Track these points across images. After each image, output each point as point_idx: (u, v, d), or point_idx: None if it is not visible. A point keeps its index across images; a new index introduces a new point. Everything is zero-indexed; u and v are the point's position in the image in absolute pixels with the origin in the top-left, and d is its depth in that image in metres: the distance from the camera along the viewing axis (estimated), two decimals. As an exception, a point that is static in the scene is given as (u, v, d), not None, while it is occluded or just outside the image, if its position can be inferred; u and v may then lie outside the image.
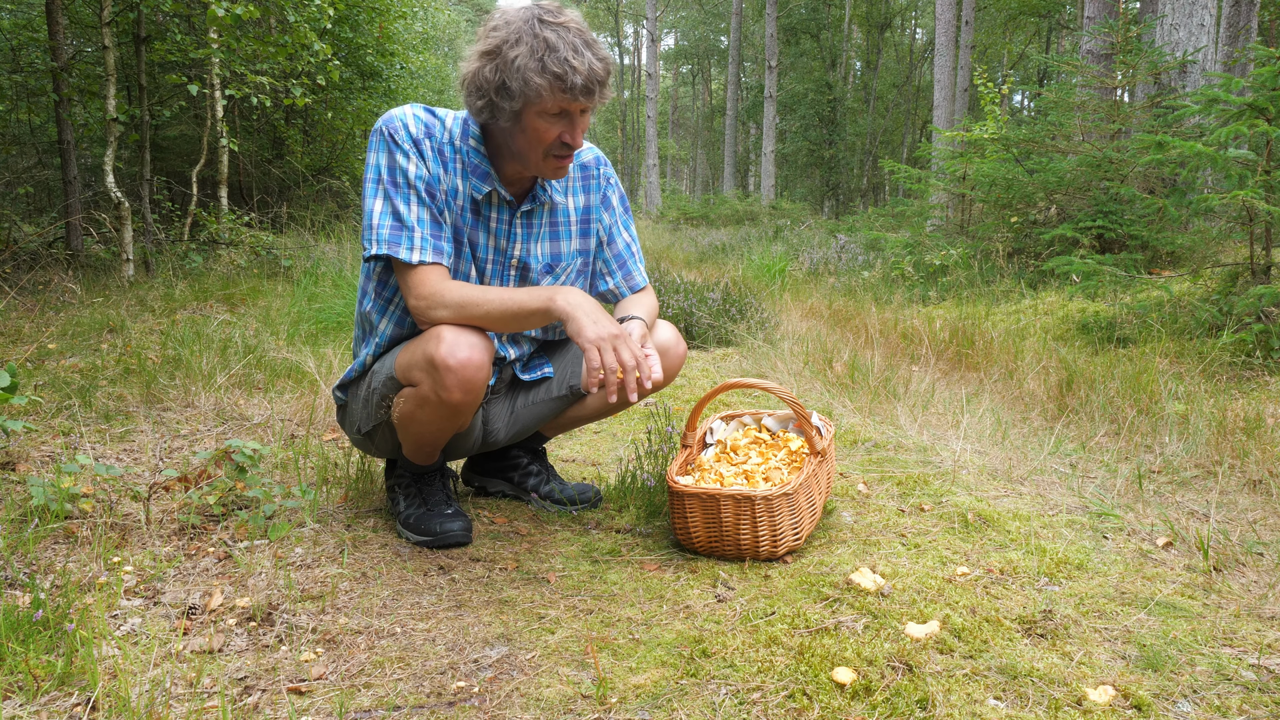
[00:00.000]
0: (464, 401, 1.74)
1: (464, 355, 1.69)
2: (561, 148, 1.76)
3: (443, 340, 1.70)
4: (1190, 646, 1.48)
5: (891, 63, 31.33)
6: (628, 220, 2.12)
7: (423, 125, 1.82)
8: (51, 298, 4.96)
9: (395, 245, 1.76)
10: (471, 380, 1.72)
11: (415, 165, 1.79)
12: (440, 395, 1.73)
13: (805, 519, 1.87)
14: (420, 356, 1.74)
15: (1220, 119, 4.40)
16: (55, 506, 1.91)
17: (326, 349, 3.93)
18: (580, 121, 1.75)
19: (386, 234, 1.77)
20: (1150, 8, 10.02)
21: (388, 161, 1.79)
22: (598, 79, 1.68)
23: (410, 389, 1.80)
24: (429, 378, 1.73)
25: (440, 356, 1.69)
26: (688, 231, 14.91)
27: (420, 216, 1.79)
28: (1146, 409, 2.98)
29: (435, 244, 1.79)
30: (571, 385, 2.09)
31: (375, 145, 1.81)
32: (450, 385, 1.71)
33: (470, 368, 1.70)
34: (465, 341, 1.71)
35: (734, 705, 1.32)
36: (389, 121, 1.81)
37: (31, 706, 1.28)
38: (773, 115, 21.54)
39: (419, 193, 1.79)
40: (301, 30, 6.38)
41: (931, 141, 14.07)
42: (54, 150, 7.87)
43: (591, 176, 2.05)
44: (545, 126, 1.72)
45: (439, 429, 1.85)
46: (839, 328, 5.10)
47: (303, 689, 1.36)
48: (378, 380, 1.89)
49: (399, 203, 1.78)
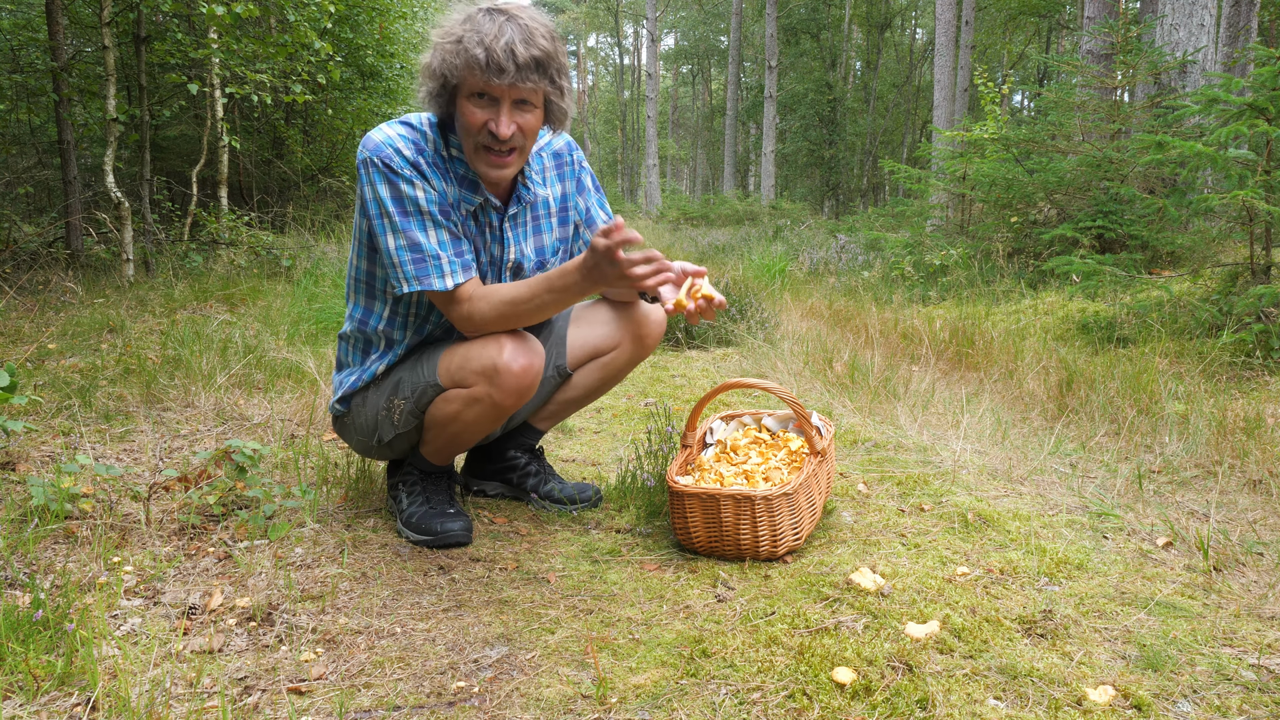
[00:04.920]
0: (515, 405, 1.84)
1: (525, 361, 1.79)
2: (489, 138, 1.70)
3: (504, 347, 1.77)
4: (1190, 646, 1.48)
5: (891, 63, 31.32)
6: (601, 199, 2.12)
7: (411, 144, 1.76)
8: (51, 298, 4.96)
9: (425, 278, 1.76)
10: (529, 386, 1.81)
11: (422, 190, 1.74)
12: (494, 398, 1.80)
13: (805, 519, 1.87)
14: (479, 361, 1.79)
15: (1220, 119, 4.40)
16: (55, 506, 1.91)
17: (326, 349, 3.94)
18: (507, 110, 1.69)
19: (412, 270, 1.75)
20: (1150, 8, 10.02)
21: (391, 193, 1.73)
22: (515, 60, 1.63)
23: (458, 390, 1.84)
24: (486, 381, 1.79)
25: (504, 362, 1.76)
26: (688, 231, 14.91)
27: (440, 240, 1.77)
28: (1146, 409, 2.98)
29: (463, 261, 1.79)
30: (557, 366, 2.10)
31: (370, 179, 1.74)
32: (509, 389, 1.79)
33: (530, 374, 1.80)
34: (525, 349, 1.80)
35: (734, 705, 1.32)
36: (378, 150, 1.73)
37: (31, 706, 1.28)
38: (773, 115, 21.54)
39: (433, 216, 1.76)
40: (301, 29, 6.38)
41: (931, 141, 14.07)
42: (54, 150, 7.87)
43: (565, 163, 2.04)
44: (471, 110, 1.69)
45: (479, 430, 1.91)
46: (839, 328, 5.10)
47: (303, 689, 1.36)
48: (412, 388, 1.89)
49: (415, 233, 1.75)
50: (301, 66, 6.97)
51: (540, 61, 1.67)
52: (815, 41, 26.61)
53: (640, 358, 2.15)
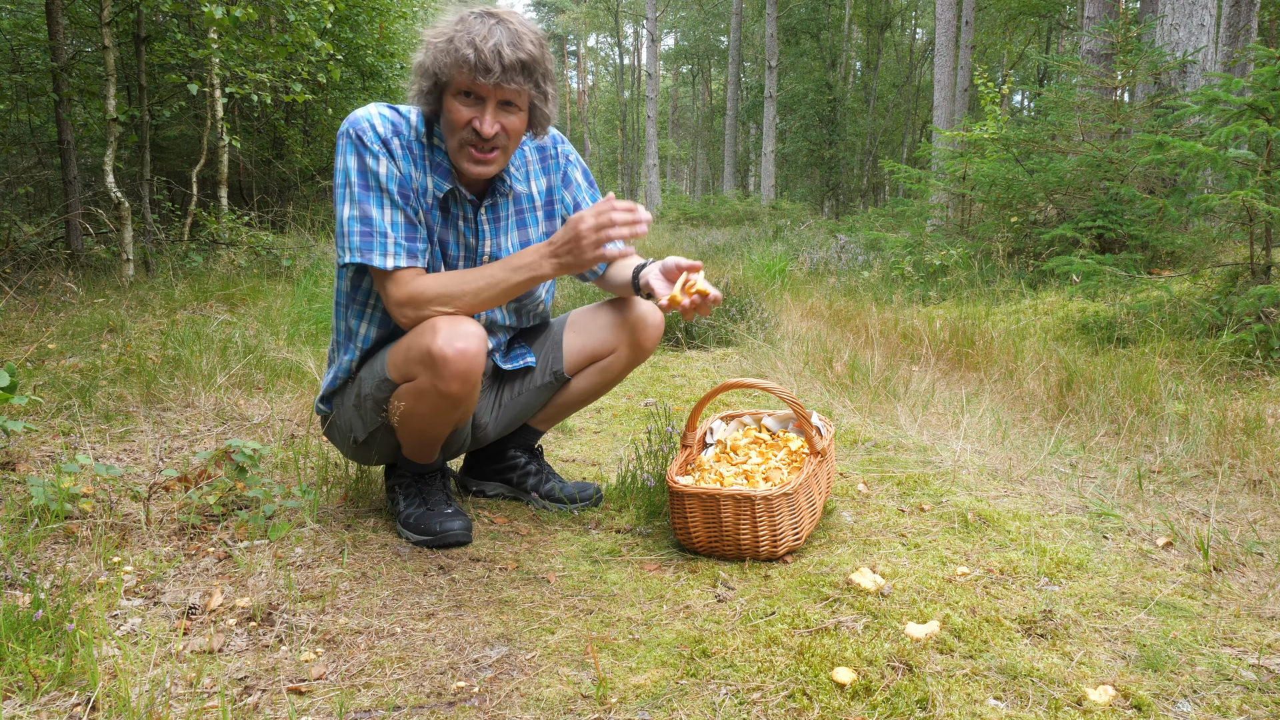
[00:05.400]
0: (462, 392, 1.76)
1: (460, 345, 1.71)
2: (473, 135, 1.73)
3: (439, 332, 1.71)
4: (1190, 646, 1.48)
5: (891, 63, 31.32)
6: (594, 193, 2.10)
7: (389, 123, 1.79)
8: (51, 298, 4.96)
9: (368, 252, 1.75)
10: (469, 370, 1.73)
11: (386, 166, 1.76)
12: (439, 387, 1.74)
13: (805, 519, 1.87)
14: (416, 351, 1.74)
15: (1220, 119, 4.40)
16: (55, 506, 1.91)
17: (326, 349, 3.93)
18: (492, 109, 1.72)
19: (358, 241, 1.75)
20: (1150, 8, 10.01)
21: (357, 165, 1.76)
22: (502, 61, 1.66)
23: (407, 385, 1.80)
24: (427, 370, 1.73)
25: (437, 348, 1.70)
26: (688, 231, 14.91)
27: (394, 220, 1.76)
28: (1146, 409, 2.98)
29: (409, 246, 1.77)
30: (554, 371, 2.09)
31: (343, 149, 1.78)
32: (449, 376, 1.72)
33: (467, 357, 1.71)
34: (461, 331, 1.72)
35: (734, 705, 1.32)
36: (355, 123, 1.77)
37: (31, 706, 1.28)
38: (773, 115, 21.54)
39: (391, 195, 1.77)
40: (301, 29, 6.38)
41: (931, 141, 14.07)
42: (54, 150, 7.87)
43: (550, 156, 2.04)
44: (456, 108, 1.73)
45: (440, 422, 1.86)
46: (839, 328, 5.10)
47: (303, 689, 1.36)
48: (369, 385, 1.88)
49: (370, 207, 1.75)
50: (301, 66, 6.97)
51: (526, 65, 1.70)
52: (815, 41, 26.61)
53: (638, 361, 2.15)
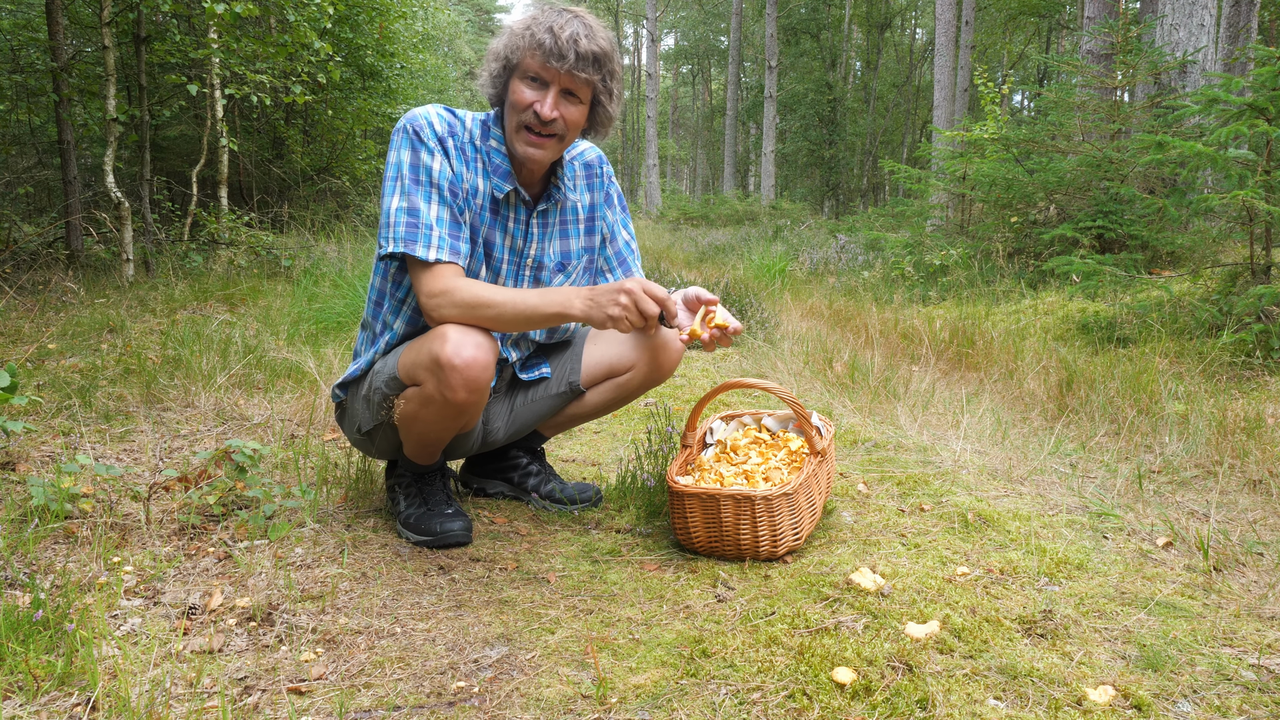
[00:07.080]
0: (468, 401, 1.75)
1: (469, 355, 1.69)
2: (534, 118, 1.77)
3: (448, 340, 1.70)
4: (1190, 646, 1.48)
5: (891, 63, 31.32)
6: (626, 219, 2.15)
7: (446, 124, 1.83)
8: (51, 298, 4.96)
9: (412, 243, 1.76)
10: (476, 380, 1.72)
11: (440, 163, 1.80)
12: (445, 395, 1.73)
13: (805, 519, 1.87)
14: (425, 356, 1.74)
15: (1220, 119, 4.40)
16: (55, 506, 1.91)
17: (326, 349, 3.93)
18: (556, 95, 1.77)
19: (403, 231, 1.76)
20: (1150, 8, 10.01)
21: (410, 159, 1.79)
22: (577, 49, 1.73)
23: (414, 389, 1.80)
24: (433, 377, 1.72)
25: (446, 356, 1.68)
26: (688, 231, 14.92)
27: (440, 215, 1.78)
28: (1146, 409, 2.98)
29: (453, 243, 1.79)
30: (570, 382, 2.10)
31: (398, 143, 1.81)
32: (455, 385, 1.71)
33: (475, 367, 1.70)
34: (470, 341, 1.71)
35: (734, 705, 1.32)
36: (413, 120, 1.81)
37: (31, 706, 1.28)
38: (773, 115, 21.53)
39: (440, 191, 1.79)
40: (301, 29, 6.38)
41: (931, 141, 14.07)
42: (54, 150, 7.87)
43: (595, 175, 2.07)
44: (521, 89, 1.77)
45: (443, 428, 1.85)
46: (839, 328, 5.10)
47: (303, 689, 1.36)
48: (380, 380, 1.88)
49: (419, 200, 1.78)
50: (301, 66, 6.97)
51: (597, 57, 1.76)
52: (815, 41, 26.61)
53: (655, 382, 2.14)
